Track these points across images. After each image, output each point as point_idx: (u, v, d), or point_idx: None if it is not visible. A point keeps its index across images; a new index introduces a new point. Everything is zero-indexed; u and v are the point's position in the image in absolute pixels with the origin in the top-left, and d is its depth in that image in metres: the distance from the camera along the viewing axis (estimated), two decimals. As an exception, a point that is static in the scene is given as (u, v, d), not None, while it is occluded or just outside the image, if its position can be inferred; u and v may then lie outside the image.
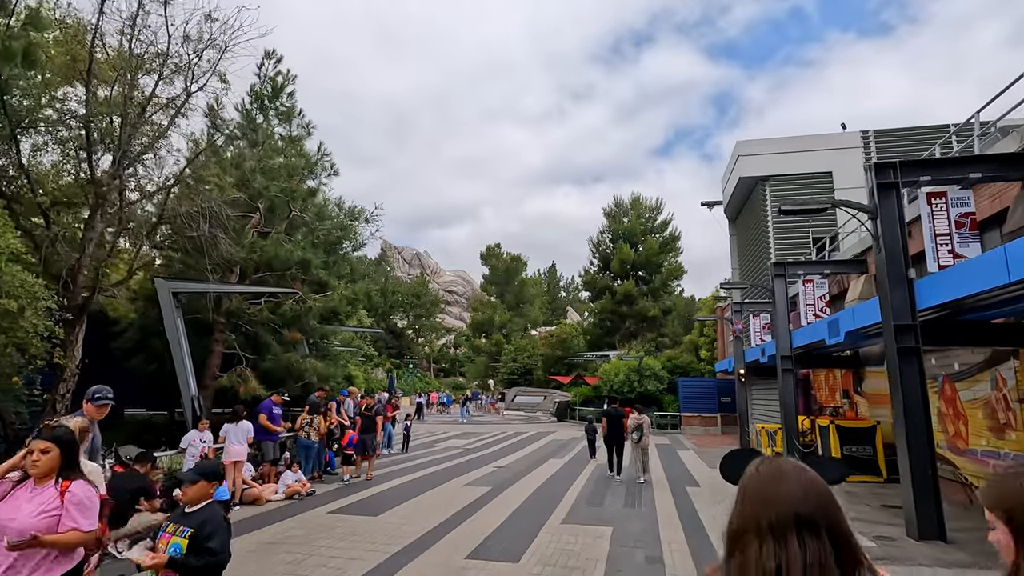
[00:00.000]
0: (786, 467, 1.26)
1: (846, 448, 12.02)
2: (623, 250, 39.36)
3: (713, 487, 11.20)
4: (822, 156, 21.27)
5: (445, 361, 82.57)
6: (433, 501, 9.40)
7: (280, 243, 12.13)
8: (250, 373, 11.77)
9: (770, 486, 1.23)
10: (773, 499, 1.19)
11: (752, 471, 1.30)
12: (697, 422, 26.80)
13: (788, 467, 1.26)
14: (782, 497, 1.19)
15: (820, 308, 13.83)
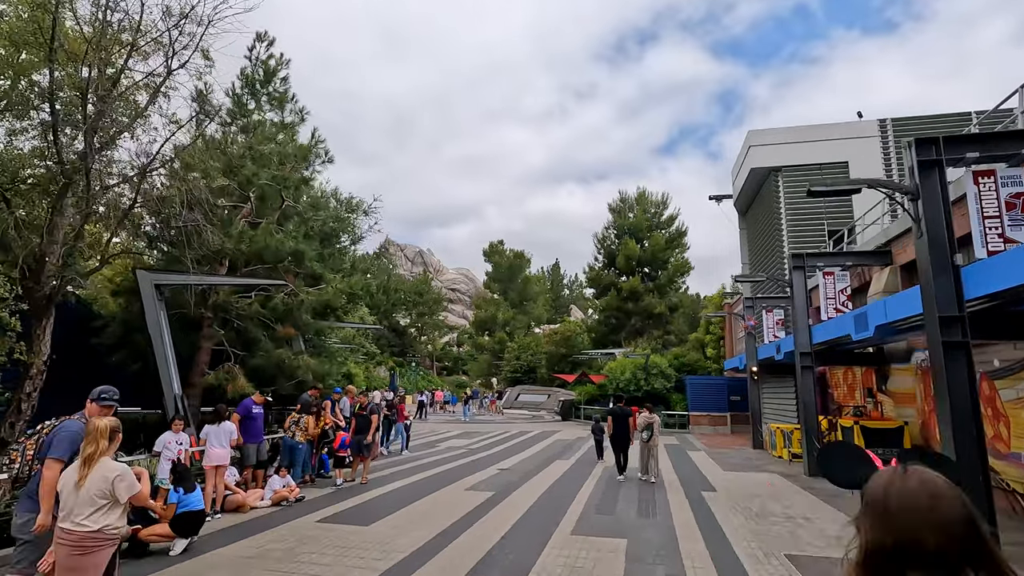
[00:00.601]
0: (939, 483, 1.06)
1: (872, 450, 11.25)
2: (629, 246, 38.60)
3: (730, 492, 10.49)
4: (837, 146, 20.47)
5: (448, 359, 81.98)
6: (431, 508, 8.71)
7: (270, 233, 11.46)
8: (238, 370, 11.11)
9: (923, 504, 1.03)
10: (932, 522, 1.01)
11: (894, 482, 1.09)
12: (706, 421, 26.06)
13: (941, 484, 1.06)
14: (943, 520, 1.01)
15: (841, 302, 13.08)
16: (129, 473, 3.53)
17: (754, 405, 19.01)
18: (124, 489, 3.44)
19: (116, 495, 3.41)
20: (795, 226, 20.31)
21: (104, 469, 3.42)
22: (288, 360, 11.75)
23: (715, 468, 13.85)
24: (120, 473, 3.46)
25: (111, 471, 3.44)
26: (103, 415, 3.73)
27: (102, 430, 3.47)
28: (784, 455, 15.70)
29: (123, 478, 3.45)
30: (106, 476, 3.40)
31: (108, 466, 3.46)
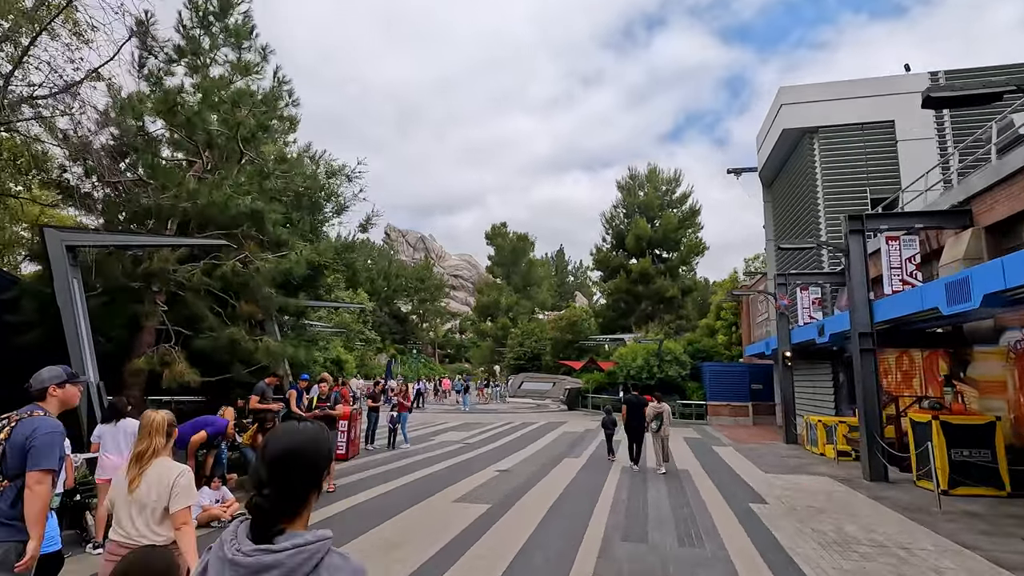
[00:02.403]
0: None
1: (955, 451, 9.15)
2: (639, 225, 36.28)
3: (784, 503, 8.40)
4: (882, 103, 18.11)
5: (450, 347, 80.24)
6: (404, 531, 6.67)
7: (217, 186, 9.32)
8: (178, 353, 9.08)
9: None
10: None
11: None
12: (726, 412, 23.99)
13: None
14: None
15: (909, 272, 10.88)
16: (190, 475, 2.93)
17: (787, 395, 16.90)
18: (183, 493, 2.84)
19: (172, 500, 2.81)
20: (833, 194, 18.03)
21: (162, 468, 2.87)
22: (242, 342, 9.68)
23: (752, 469, 11.77)
24: (182, 471, 2.91)
25: (171, 471, 2.88)
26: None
27: (159, 425, 2.94)
28: (828, 453, 13.61)
29: (185, 477, 2.89)
30: (166, 477, 2.84)
31: (167, 465, 2.91)
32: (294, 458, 1.26)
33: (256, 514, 1.23)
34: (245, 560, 1.17)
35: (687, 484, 9.93)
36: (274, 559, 1.16)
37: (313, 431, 1.34)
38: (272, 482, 1.23)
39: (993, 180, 9.74)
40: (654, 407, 11.55)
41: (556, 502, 8.36)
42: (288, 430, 1.32)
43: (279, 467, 1.24)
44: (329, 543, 1.23)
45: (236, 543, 1.21)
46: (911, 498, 8.94)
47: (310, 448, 1.29)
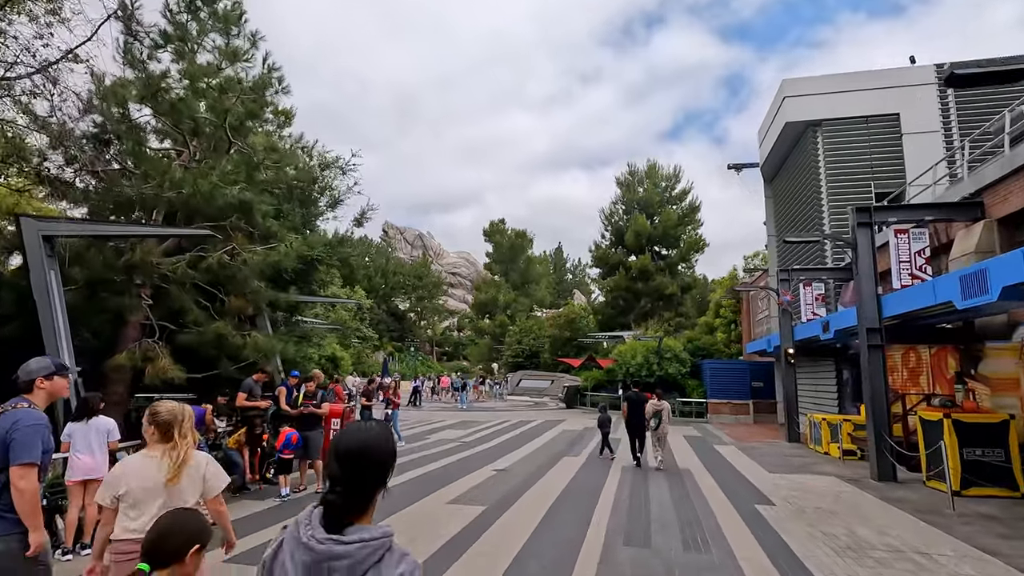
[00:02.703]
0: None
1: (967, 451, 8.84)
2: (639, 221, 35.93)
3: (792, 505, 8.08)
4: (887, 95, 17.77)
5: (448, 344, 79.90)
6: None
7: (204, 175, 8.95)
8: (162, 348, 8.72)
9: None
10: None
11: None
12: (726, 410, 23.69)
13: None
14: None
15: (919, 266, 10.56)
16: (216, 464, 2.96)
17: (789, 392, 16.59)
18: (216, 475, 2.88)
19: (208, 486, 2.82)
20: (837, 188, 17.70)
21: (197, 459, 2.85)
22: (230, 337, 9.31)
23: (756, 468, 11.46)
24: (208, 458, 2.94)
25: (200, 459, 2.87)
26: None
27: (190, 416, 2.91)
28: (832, 452, 13.30)
29: (213, 462, 2.94)
30: (198, 466, 2.81)
31: (199, 456, 2.89)
32: (363, 457, 1.34)
33: (328, 509, 1.32)
34: (318, 547, 1.27)
35: (690, 484, 9.61)
36: (344, 550, 1.25)
37: (380, 431, 1.42)
38: (343, 480, 1.32)
39: (1007, 170, 9.41)
40: (653, 405, 11.44)
41: (555, 503, 8.03)
42: (358, 429, 1.42)
43: (349, 466, 1.33)
44: (392, 539, 1.32)
45: (311, 528, 1.30)
46: (922, 499, 8.63)
47: (378, 447, 1.37)
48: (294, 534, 1.35)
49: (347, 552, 1.27)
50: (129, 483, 2.69)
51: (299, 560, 1.31)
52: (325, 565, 1.28)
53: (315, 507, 1.36)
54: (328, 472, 1.37)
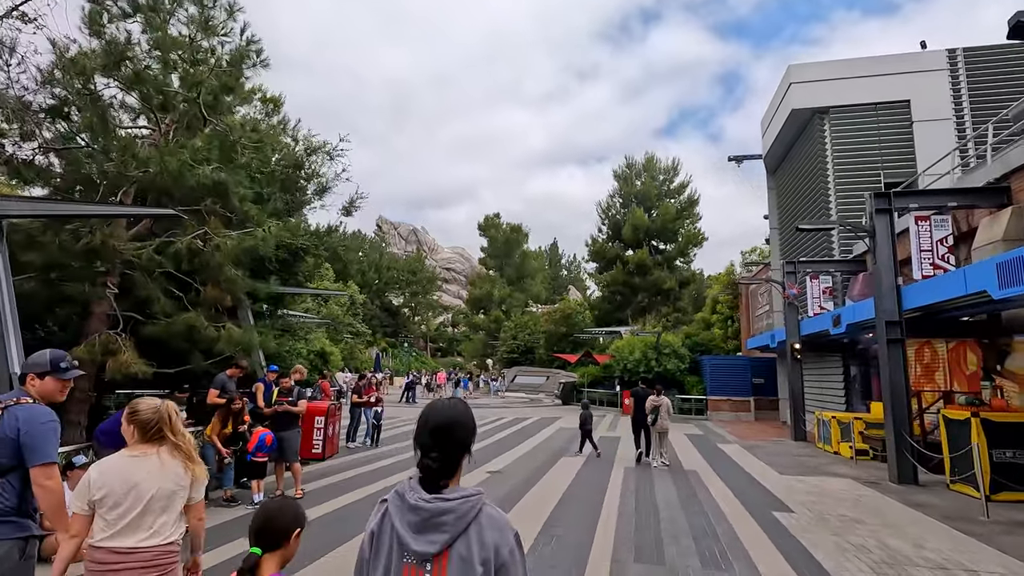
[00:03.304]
0: None
1: (996, 452, 8.22)
2: (636, 215, 35.23)
3: (812, 511, 7.44)
4: (897, 81, 17.13)
5: (443, 340, 79.16)
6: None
7: (172, 152, 8.16)
8: (125, 341, 7.96)
9: None
10: None
11: None
12: (726, 407, 23.12)
13: None
14: None
15: (941, 255, 9.92)
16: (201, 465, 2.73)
17: (795, 389, 15.97)
18: (199, 481, 2.66)
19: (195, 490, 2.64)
20: (844, 178, 17.07)
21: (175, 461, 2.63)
22: (202, 328, 8.55)
23: (766, 470, 10.83)
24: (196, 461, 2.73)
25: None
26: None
27: (176, 411, 2.71)
28: (843, 451, 12.71)
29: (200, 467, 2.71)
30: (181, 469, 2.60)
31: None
32: (451, 429, 1.55)
33: (427, 473, 1.51)
34: (428, 506, 1.45)
35: (699, 488, 8.96)
36: (449, 506, 1.46)
37: (463, 407, 1.62)
38: (436, 448, 1.52)
39: (1038, 152, 8.79)
40: (653, 400, 11.36)
41: (555, 510, 7.35)
42: (444, 406, 1.61)
43: (441, 436, 1.53)
44: (484, 496, 1.53)
45: (415, 492, 1.49)
46: (949, 504, 8.01)
47: (462, 420, 1.58)
48: (397, 503, 1.52)
49: (453, 507, 1.45)
50: (110, 485, 2.44)
51: (407, 521, 1.47)
52: (435, 520, 1.44)
53: (410, 478, 1.54)
54: (420, 443, 1.54)
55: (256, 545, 1.84)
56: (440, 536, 1.43)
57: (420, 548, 1.42)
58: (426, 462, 1.51)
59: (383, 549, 1.49)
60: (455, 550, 1.42)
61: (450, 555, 1.42)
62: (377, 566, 1.49)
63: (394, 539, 1.47)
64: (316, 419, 11.15)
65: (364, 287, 64.17)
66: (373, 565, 1.50)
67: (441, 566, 1.42)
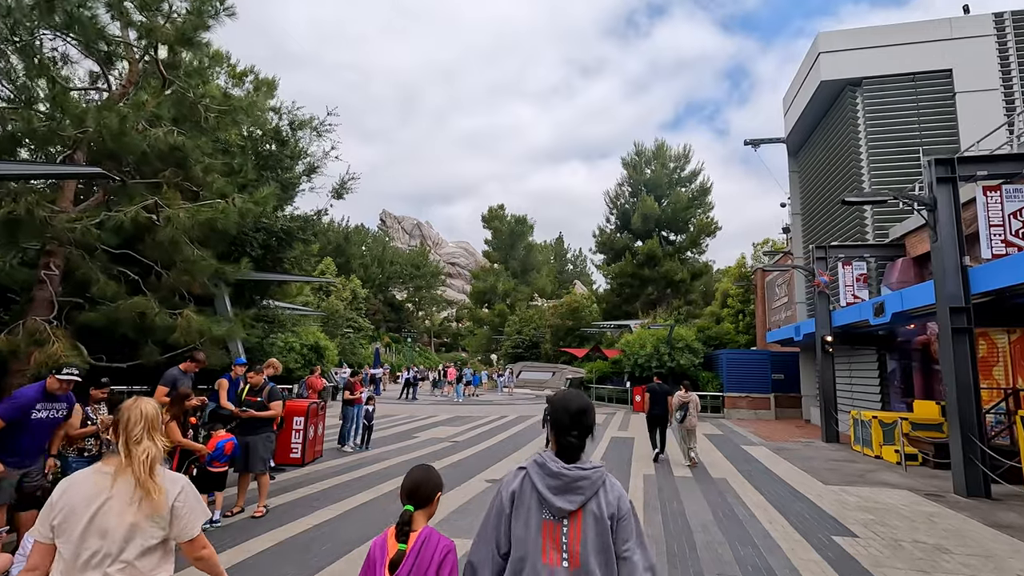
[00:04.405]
0: None
1: None
2: (646, 203, 33.76)
3: (881, 534, 6.11)
4: (937, 49, 15.67)
5: (446, 335, 78.05)
6: (340, 595, 4.36)
7: (111, 107, 6.89)
8: (56, 330, 6.72)
9: None
10: None
11: None
12: (744, 404, 21.75)
13: None
14: None
15: (1015, 231, 8.52)
16: (192, 486, 2.15)
17: (827, 386, 14.59)
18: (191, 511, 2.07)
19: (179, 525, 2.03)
20: (879, 155, 15.63)
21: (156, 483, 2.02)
22: (152, 315, 7.30)
23: (804, 478, 9.48)
24: (184, 487, 2.09)
25: (169, 486, 2.05)
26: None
27: (151, 418, 2.11)
28: (887, 455, 11.35)
29: (189, 489, 2.11)
30: (164, 495, 2.02)
31: (166, 476, 2.09)
32: (587, 413, 1.92)
33: (570, 448, 1.86)
34: (569, 473, 1.80)
35: (734, 502, 7.64)
36: (586, 473, 1.81)
37: (585, 396, 2.00)
38: (576, 428, 1.88)
39: None
40: (680, 396, 10.96)
41: (567, 534, 6.04)
42: (576, 394, 1.98)
43: (579, 417, 1.89)
44: (605, 467, 1.89)
45: (556, 463, 1.82)
46: (1040, 525, 6.65)
47: (591, 407, 1.96)
48: (537, 470, 1.85)
49: (588, 475, 1.81)
50: (72, 507, 1.92)
51: (548, 485, 1.81)
52: (574, 485, 1.79)
53: (543, 453, 1.89)
54: (560, 424, 1.90)
55: (409, 503, 2.10)
56: (578, 497, 1.79)
57: (562, 505, 1.78)
58: (570, 439, 1.87)
59: (523, 507, 1.84)
60: (588, 508, 1.79)
61: (584, 511, 1.79)
62: (518, 519, 1.83)
63: (534, 498, 1.83)
64: (295, 419, 9.91)
65: (367, 281, 63.08)
66: (514, 517, 1.84)
67: (576, 520, 1.78)
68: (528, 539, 1.77)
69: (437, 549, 1.99)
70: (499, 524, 1.83)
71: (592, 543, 1.74)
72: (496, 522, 1.84)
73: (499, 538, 1.83)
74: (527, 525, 1.78)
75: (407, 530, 2.03)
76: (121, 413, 2.11)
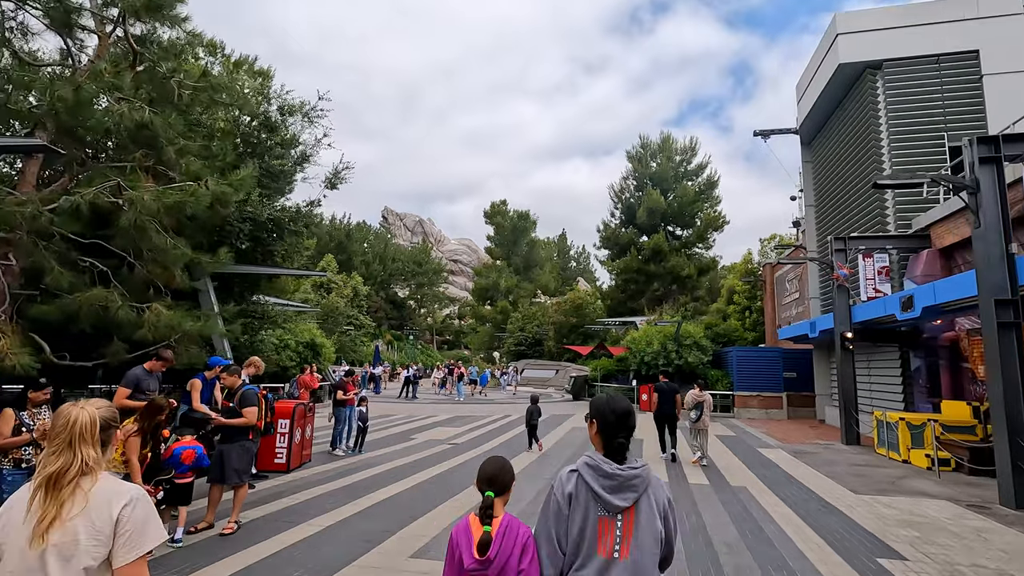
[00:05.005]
0: None
1: None
2: (652, 197, 32.93)
3: (932, 556, 5.37)
4: (963, 29, 14.82)
5: (449, 333, 77.38)
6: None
7: (69, 80, 6.19)
8: (5, 324, 6.03)
9: None
10: None
11: None
12: (755, 403, 20.98)
13: None
14: None
15: (1067, 215, 7.72)
16: (146, 502, 1.79)
17: (847, 385, 13.81)
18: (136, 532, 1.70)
19: (120, 547, 1.68)
20: (901, 142, 14.80)
21: (99, 496, 1.73)
22: (114, 308, 6.61)
23: (832, 486, 8.73)
24: (133, 498, 1.75)
25: (115, 498, 1.74)
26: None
27: (86, 426, 1.80)
28: (916, 460, 10.60)
29: (140, 507, 1.74)
30: (106, 510, 1.70)
31: (106, 490, 1.76)
32: (630, 414, 2.07)
33: (619, 450, 2.02)
34: (622, 473, 1.96)
35: (759, 515, 6.90)
36: (637, 472, 1.98)
37: (624, 398, 2.21)
38: (624, 430, 2.03)
39: None
40: (695, 395, 10.84)
41: (575, 557, 5.32)
42: (620, 399, 2.15)
43: (624, 419, 2.05)
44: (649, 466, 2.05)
45: (609, 465, 1.97)
46: (1109, 544, 5.89)
47: (632, 408, 2.11)
48: (590, 472, 1.99)
49: (640, 474, 1.98)
50: (10, 527, 1.69)
51: (603, 485, 1.95)
52: (628, 483, 1.95)
53: (592, 455, 2.04)
54: (606, 426, 2.06)
55: (490, 490, 2.19)
56: (631, 494, 1.96)
57: (618, 503, 1.94)
58: (620, 441, 2.03)
59: (579, 506, 1.98)
60: (640, 504, 1.97)
61: (637, 507, 1.96)
62: (575, 518, 1.97)
63: (590, 497, 1.97)
64: (280, 422, 9.20)
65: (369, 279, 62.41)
66: (572, 518, 1.97)
67: (630, 515, 1.95)
68: (585, 535, 1.93)
69: (519, 534, 2.08)
70: (558, 523, 1.99)
71: (644, 535, 1.93)
72: (556, 522, 1.99)
73: (560, 536, 1.98)
74: (584, 522, 1.95)
75: (490, 514, 2.11)
76: (53, 420, 1.87)
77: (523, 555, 2.01)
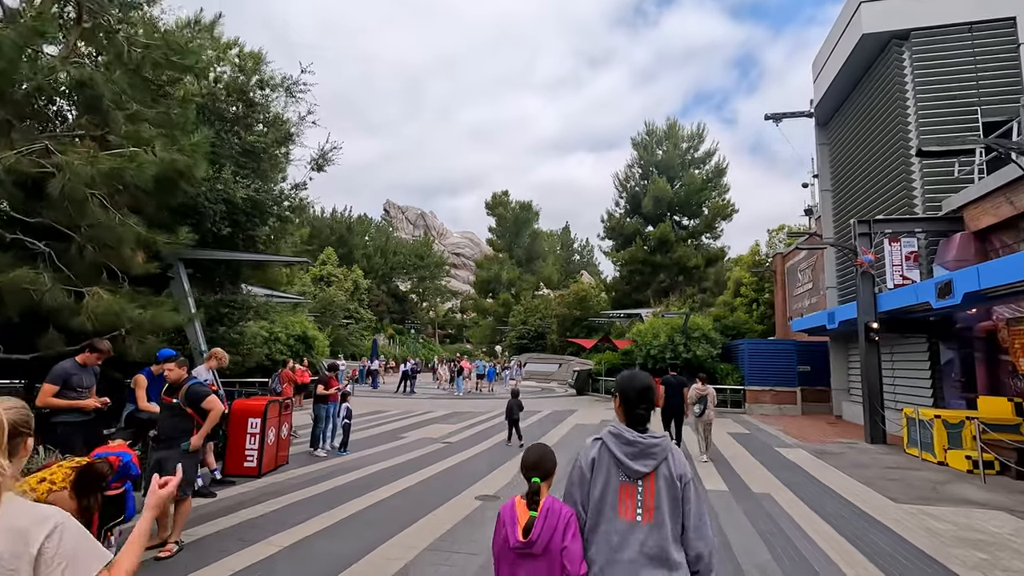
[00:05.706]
0: None
1: None
2: (658, 184, 31.83)
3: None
4: (998, -5, 13.69)
5: (451, 326, 76.59)
6: None
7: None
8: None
9: None
10: None
11: None
12: (768, 399, 19.99)
13: None
14: None
15: None
16: (73, 524, 1.43)
17: (872, 379, 12.80)
18: (71, 562, 1.37)
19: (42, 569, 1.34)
20: (929, 117, 13.72)
21: (11, 520, 1.36)
22: (40, 292, 5.70)
23: (870, 495, 7.76)
24: (57, 523, 1.39)
25: (35, 524, 1.38)
26: None
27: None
28: (954, 462, 9.62)
29: (67, 533, 1.39)
30: (23, 537, 1.35)
31: (18, 514, 1.38)
32: (650, 388, 2.23)
33: (640, 419, 2.17)
34: (643, 440, 2.09)
35: (791, 530, 5.95)
36: (657, 441, 2.10)
37: (646, 374, 2.35)
38: (644, 402, 2.20)
39: None
40: (697, 389, 10.54)
41: None
42: (641, 373, 2.32)
43: (644, 393, 2.21)
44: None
45: (630, 433, 2.11)
46: None
47: (653, 383, 2.28)
48: (613, 440, 2.13)
49: (659, 442, 2.11)
50: None
51: (625, 451, 2.09)
52: (648, 451, 2.08)
53: (617, 424, 2.21)
54: (628, 398, 2.23)
55: (536, 476, 2.27)
56: (651, 461, 2.08)
57: (639, 468, 2.06)
58: (639, 411, 2.19)
59: (601, 471, 2.12)
60: (660, 470, 2.07)
61: (657, 473, 2.07)
62: (596, 482, 2.11)
63: (611, 463, 2.11)
64: (250, 421, 8.30)
65: (370, 272, 61.56)
66: (594, 482, 2.11)
67: (650, 481, 2.06)
68: (607, 498, 2.08)
69: (562, 514, 2.15)
70: (582, 487, 2.14)
71: (665, 499, 2.05)
72: (580, 485, 2.15)
73: (583, 499, 2.13)
74: (605, 487, 2.09)
75: (536, 500, 2.19)
76: None
77: (566, 532, 2.11)
